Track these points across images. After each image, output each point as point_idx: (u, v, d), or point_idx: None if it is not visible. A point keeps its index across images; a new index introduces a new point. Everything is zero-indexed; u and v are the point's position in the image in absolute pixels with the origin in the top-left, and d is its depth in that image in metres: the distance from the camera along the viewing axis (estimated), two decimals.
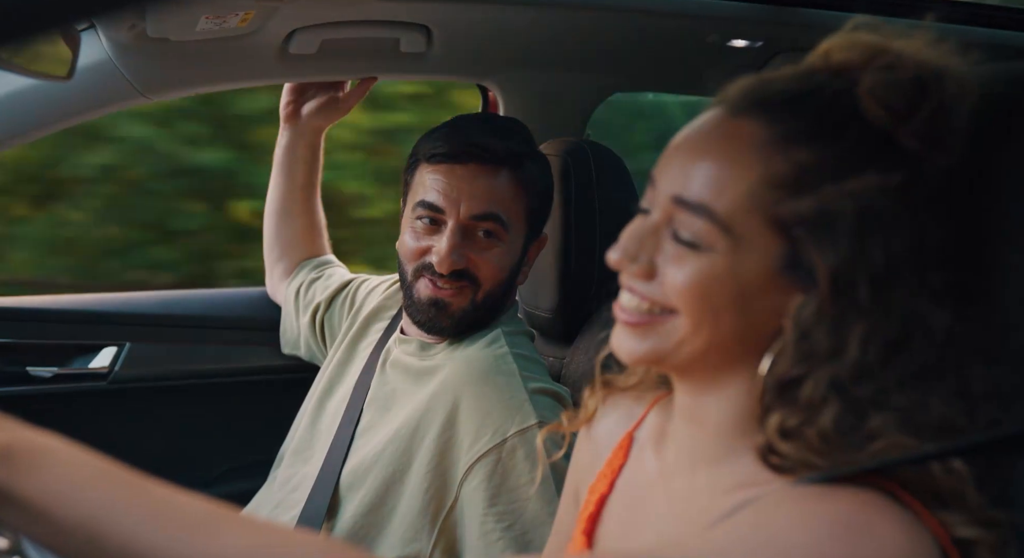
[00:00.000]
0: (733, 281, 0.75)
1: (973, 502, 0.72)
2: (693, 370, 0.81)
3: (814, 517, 0.69)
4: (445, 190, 1.44)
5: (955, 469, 0.72)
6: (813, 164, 0.74)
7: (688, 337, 0.78)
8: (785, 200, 0.74)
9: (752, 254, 0.75)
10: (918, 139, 0.74)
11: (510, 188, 1.46)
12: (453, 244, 1.43)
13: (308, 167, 1.87)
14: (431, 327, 1.49)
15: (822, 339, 0.73)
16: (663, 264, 0.78)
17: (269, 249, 1.92)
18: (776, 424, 0.75)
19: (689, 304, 0.76)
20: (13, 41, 0.48)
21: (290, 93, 1.84)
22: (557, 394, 1.43)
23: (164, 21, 1.47)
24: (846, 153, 0.74)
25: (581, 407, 1.01)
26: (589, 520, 0.93)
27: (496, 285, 1.47)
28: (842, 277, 0.73)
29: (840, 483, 0.71)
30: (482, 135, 1.47)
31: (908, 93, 0.73)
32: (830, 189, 0.73)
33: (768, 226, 0.74)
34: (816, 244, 0.73)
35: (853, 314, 0.73)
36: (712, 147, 0.77)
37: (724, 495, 0.78)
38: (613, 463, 0.94)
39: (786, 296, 0.75)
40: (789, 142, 0.74)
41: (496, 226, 1.45)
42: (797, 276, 0.74)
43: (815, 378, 0.74)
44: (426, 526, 1.37)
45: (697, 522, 0.78)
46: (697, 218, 0.75)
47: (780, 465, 0.75)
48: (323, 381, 1.67)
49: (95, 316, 1.93)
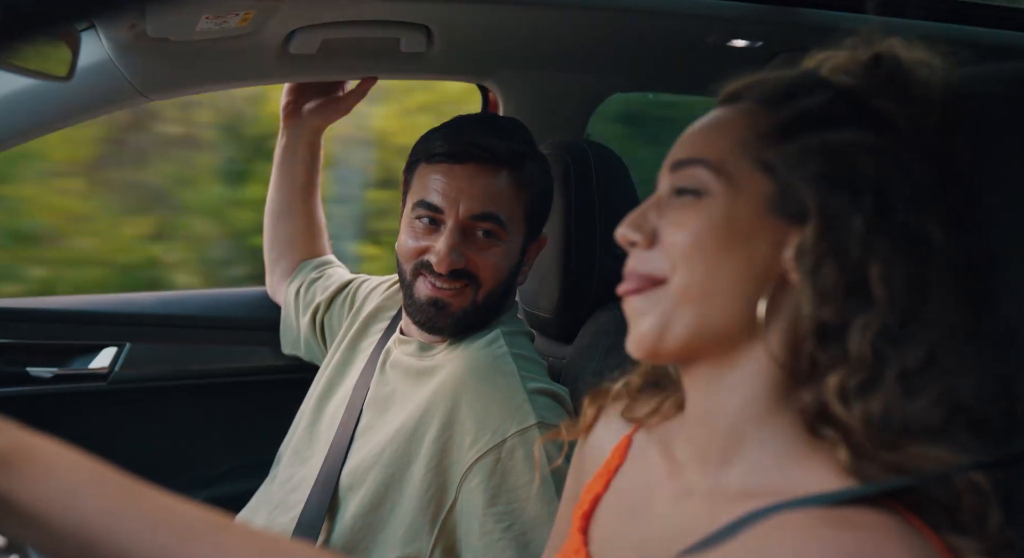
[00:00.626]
0: (727, 224, 0.78)
1: (994, 524, 0.70)
2: (703, 348, 0.81)
3: (820, 549, 0.67)
4: (444, 190, 1.44)
5: (980, 487, 0.70)
6: (793, 118, 0.80)
7: (681, 296, 0.79)
8: (772, 146, 0.79)
9: (743, 194, 0.79)
10: (887, 99, 0.79)
11: (510, 188, 1.46)
12: (452, 244, 1.43)
13: (308, 167, 1.87)
14: (431, 327, 1.49)
15: (834, 273, 0.75)
16: (664, 228, 0.81)
17: (269, 249, 1.93)
18: (836, 382, 0.74)
19: (683, 258, 0.79)
20: (13, 41, 0.48)
21: (290, 93, 1.84)
22: (556, 394, 1.43)
23: (164, 21, 1.47)
24: (823, 109, 0.79)
25: (581, 415, 1.01)
26: (583, 518, 0.93)
27: (496, 285, 1.47)
28: (832, 208, 0.76)
29: (852, 503, 0.70)
30: (482, 135, 1.46)
31: (864, 62, 0.81)
32: (813, 138, 0.78)
33: (757, 168, 0.79)
34: (803, 180, 0.77)
35: (856, 245, 0.75)
36: (705, 124, 0.85)
37: (731, 501, 0.78)
38: (610, 464, 0.95)
39: (782, 237, 0.78)
40: (772, 103, 0.81)
41: (495, 226, 1.44)
42: (789, 213, 0.77)
43: (856, 328, 0.74)
44: (426, 526, 1.37)
45: (702, 524, 0.78)
46: (693, 169, 0.81)
47: (819, 429, 0.75)
48: (322, 381, 1.67)
49: (95, 316, 1.93)
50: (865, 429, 0.73)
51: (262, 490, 1.62)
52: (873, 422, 0.72)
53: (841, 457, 0.73)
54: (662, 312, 0.80)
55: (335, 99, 1.85)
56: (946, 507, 0.70)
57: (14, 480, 0.71)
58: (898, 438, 0.72)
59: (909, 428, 0.72)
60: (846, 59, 0.82)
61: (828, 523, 0.69)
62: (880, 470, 0.72)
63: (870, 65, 0.81)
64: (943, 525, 0.70)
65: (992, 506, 0.70)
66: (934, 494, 0.70)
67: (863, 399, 0.73)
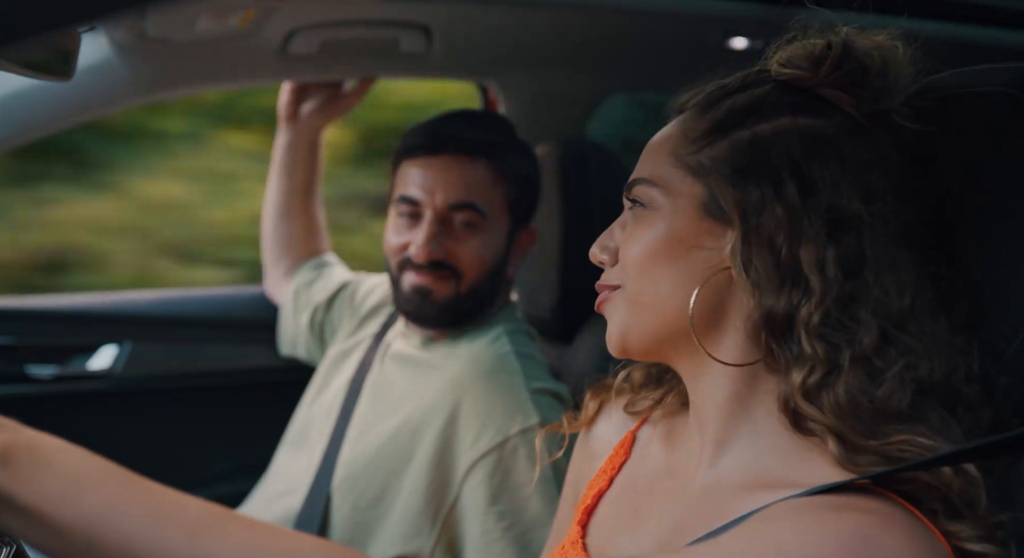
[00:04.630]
0: (668, 232, 0.81)
1: (982, 506, 0.71)
2: (670, 349, 0.84)
3: (825, 529, 0.68)
4: (422, 182, 1.45)
5: (968, 473, 0.71)
6: (724, 115, 0.81)
7: (633, 302, 0.83)
8: (702, 149, 0.81)
9: (679, 201, 0.81)
10: (837, 88, 0.80)
11: (488, 178, 1.46)
12: (430, 234, 1.43)
13: (307, 167, 1.87)
14: (417, 316, 1.49)
15: (765, 265, 0.76)
16: (622, 245, 0.85)
17: (268, 249, 1.92)
18: (799, 383, 0.75)
19: (632, 269, 0.83)
20: (14, 42, 0.48)
21: (290, 93, 1.84)
22: (559, 394, 1.43)
23: (164, 21, 1.47)
24: (756, 102, 0.81)
25: (582, 409, 1.01)
26: (585, 513, 0.94)
27: (479, 275, 1.47)
28: (751, 205, 0.77)
29: (851, 492, 0.71)
30: (458, 126, 1.48)
31: (814, 54, 0.81)
32: (743, 133, 0.79)
33: (689, 174, 0.81)
34: (725, 180, 0.79)
35: (782, 237, 0.76)
36: (652, 141, 0.87)
37: (733, 495, 0.78)
38: (614, 460, 0.95)
39: (718, 240, 0.80)
40: (706, 108, 0.83)
41: (474, 215, 1.45)
42: (719, 215, 0.79)
43: (800, 319, 0.75)
44: (427, 523, 1.37)
45: (704, 519, 0.78)
46: (639, 187, 0.84)
47: (803, 425, 0.76)
48: (320, 375, 1.67)
49: (95, 316, 1.93)
50: (837, 418, 0.74)
51: (261, 485, 1.63)
52: (843, 410, 0.74)
53: (832, 448, 0.74)
54: (621, 316, 0.85)
55: (335, 99, 1.85)
56: (939, 494, 0.71)
57: (17, 476, 0.71)
58: (874, 424, 0.73)
59: (880, 413, 0.73)
60: (798, 50, 0.83)
61: (828, 507, 0.70)
62: (872, 460, 0.72)
63: (820, 55, 0.81)
64: (938, 512, 0.71)
65: (981, 490, 0.71)
66: (926, 482, 0.71)
67: (827, 389, 0.74)
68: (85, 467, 0.73)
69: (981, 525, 0.70)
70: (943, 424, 0.73)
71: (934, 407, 0.74)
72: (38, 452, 0.73)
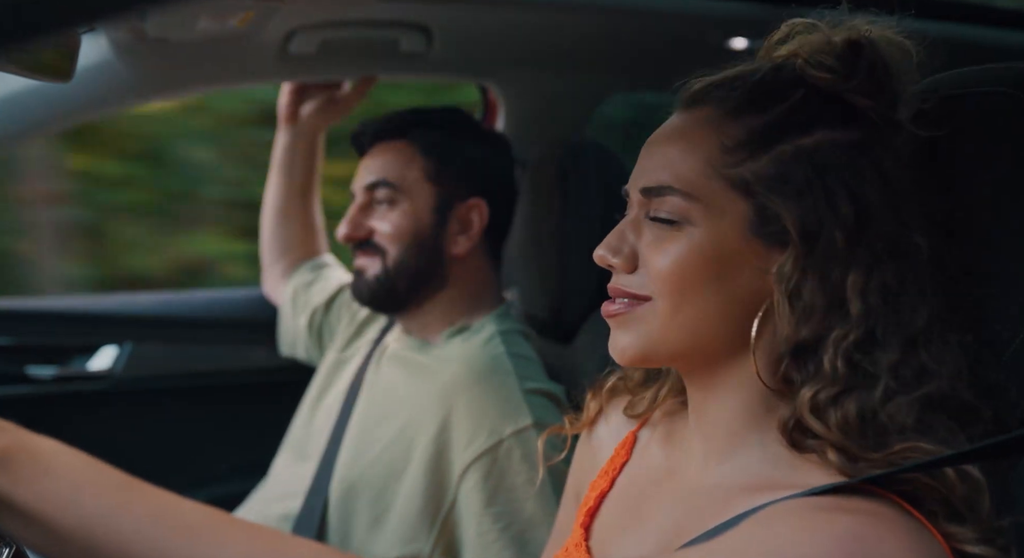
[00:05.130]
0: (712, 251, 0.76)
1: (984, 511, 0.71)
2: (694, 360, 0.81)
3: (821, 530, 0.67)
4: (355, 178, 1.57)
5: (971, 476, 0.71)
6: (763, 126, 0.76)
7: (668, 319, 0.78)
8: (742, 162, 0.76)
9: (724, 219, 0.76)
10: (862, 94, 0.76)
11: (402, 155, 1.54)
12: (349, 215, 1.53)
13: (306, 168, 1.87)
14: (358, 297, 1.55)
15: (814, 293, 0.74)
16: (644, 251, 0.80)
17: (267, 250, 1.92)
18: (809, 397, 0.74)
19: (668, 285, 0.77)
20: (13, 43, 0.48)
21: (289, 93, 1.84)
22: (553, 394, 1.43)
23: (164, 21, 1.47)
24: (794, 112, 0.76)
25: (583, 409, 1.01)
26: (588, 514, 0.93)
27: (403, 248, 1.51)
28: (811, 226, 0.74)
29: (850, 493, 0.71)
30: (377, 122, 1.58)
31: (842, 54, 0.77)
32: (785, 147, 0.75)
33: (731, 189, 0.76)
34: (780, 197, 0.75)
35: (836, 264, 0.74)
36: (669, 136, 0.81)
37: (732, 496, 0.78)
38: (615, 461, 0.94)
39: (764, 259, 0.76)
40: (739, 112, 0.78)
41: (388, 191, 1.52)
42: (770, 234, 0.76)
43: (830, 343, 0.74)
44: (425, 526, 1.37)
45: (703, 519, 0.78)
46: (664, 198, 0.78)
47: (801, 443, 0.75)
48: (320, 380, 1.67)
49: (95, 316, 1.93)
50: (844, 435, 0.73)
51: (260, 489, 1.63)
52: (851, 427, 0.73)
53: (832, 459, 0.73)
54: (648, 330, 0.80)
55: (334, 99, 1.85)
56: (940, 496, 0.71)
57: (16, 479, 0.71)
58: (880, 437, 0.73)
59: (887, 428, 0.73)
60: (822, 47, 0.78)
61: (826, 508, 0.70)
62: (871, 467, 0.72)
63: (846, 54, 0.77)
64: (939, 514, 0.70)
65: (984, 494, 0.71)
66: (927, 484, 0.71)
67: (837, 407, 0.73)
68: (84, 471, 0.73)
69: (982, 528, 0.70)
70: (950, 435, 0.73)
71: (941, 420, 0.73)
72: (38, 455, 0.73)
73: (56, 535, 0.71)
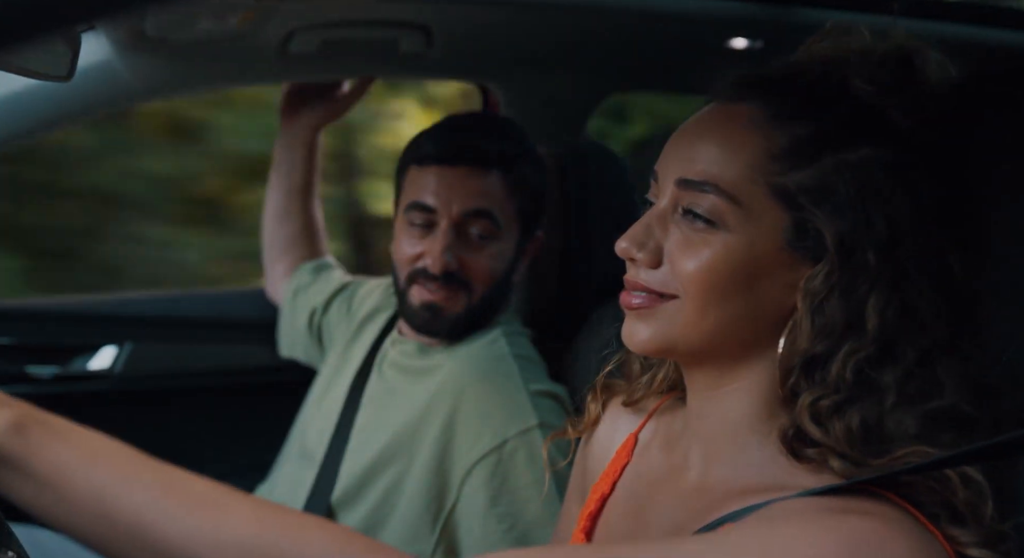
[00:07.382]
0: (743, 259, 0.75)
1: (987, 516, 0.71)
2: (706, 359, 0.81)
3: (823, 532, 0.67)
4: (436, 190, 1.42)
5: (973, 479, 0.71)
6: (809, 136, 0.75)
7: (693, 321, 0.78)
8: (787, 171, 0.75)
9: (761, 226, 0.75)
10: (905, 114, 0.76)
11: (502, 189, 1.44)
12: (446, 243, 1.41)
13: (306, 168, 1.87)
14: (427, 330, 1.48)
15: (837, 310, 0.74)
16: (671, 250, 0.79)
17: (267, 250, 1.92)
18: (808, 403, 0.74)
19: (696, 287, 0.77)
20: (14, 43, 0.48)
21: (289, 93, 1.84)
22: (557, 395, 1.43)
23: (164, 21, 1.47)
24: (840, 126, 0.75)
25: (584, 412, 1.01)
26: (589, 519, 0.93)
27: (489, 287, 1.46)
28: (848, 243, 0.74)
29: (853, 495, 0.71)
30: (472, 137, 1.45)
31: (894, 69, 0.76)
32: (829, 160, 0.74)
33: (773, 197, 0.75)
34: (821, 211, 0.74)
35: (864, 282, 0.74)
36: (712, 130, 0.79)
37: (732, 498, 0.78)
38: (616, 464, 0.94)
39: (794, 272, 0.76)
40: (785, 118, 0.76)
41: (489, 224, 1.43)
42: (805, 247, 0.75)
43: (841, 355, 0.74)
44: (427, 527, 1.37)
45: (703, 520, 0.78)
46: (705, 194, 0.76)
47: (800, 452, 0.75)
48: (321, 383, 1.67)
49: (95, 316, 1.93)
50: (847, 444, 0.73)
51: (261, 491, 1.62)
52: (853, 436, 0.73)
53: (834, 465, 0.73)
54: (671, 328, 0.79)
55: (334, 99, 1.84)
56: (942, 499, 0.70)
57: (31, 445, 0.73)
58: (882, 445, 0.73)
59: (891, 436, 0.73)
60: (867, 54, 0.77)
61: (829, 509, 0.70)
62: (874, 473, 0.72)
63: (897, 70, 0.76)
64: (941, 517, 0.70)
65: (987, 497, 0.71)
66: (930, 487, 0.71)
67: (840, 417, 0.73)
68: (97, 441, 0.76)
69: (984, 532, 0.70)
70: (952, 444, 0.73)
71: (945, 429, 0.73)
72: (52, 425, 0.75)
73: (68, 502, 0.73)
